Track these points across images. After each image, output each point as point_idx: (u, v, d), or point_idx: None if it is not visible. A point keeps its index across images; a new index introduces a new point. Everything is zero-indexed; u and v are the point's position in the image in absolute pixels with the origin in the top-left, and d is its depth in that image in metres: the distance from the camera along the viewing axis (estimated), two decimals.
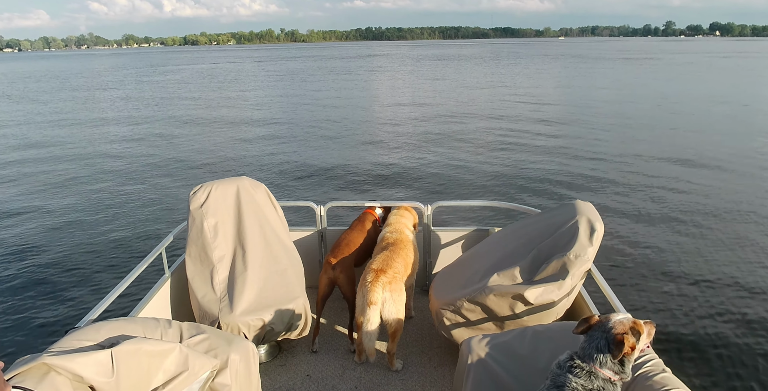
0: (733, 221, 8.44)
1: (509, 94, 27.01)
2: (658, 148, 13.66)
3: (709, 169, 11.67)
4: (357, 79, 37.08)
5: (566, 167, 12.00)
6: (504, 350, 2.72)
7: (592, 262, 3.21)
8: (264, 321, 3.34)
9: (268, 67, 55.17)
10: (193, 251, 3.69)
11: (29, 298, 6.50)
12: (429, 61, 65.14)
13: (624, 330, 2.11)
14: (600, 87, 29.91)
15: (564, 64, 53.18)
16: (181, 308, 3.83)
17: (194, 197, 3.81)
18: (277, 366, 3.68)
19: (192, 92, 31.11)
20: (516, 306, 3.20)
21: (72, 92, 33.90)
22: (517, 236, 3.68)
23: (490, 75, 40.13)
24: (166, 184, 11.46)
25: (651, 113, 19.55)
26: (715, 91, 26.85)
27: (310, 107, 23.31)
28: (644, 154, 13.02)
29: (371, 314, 3.35)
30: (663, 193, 9.96)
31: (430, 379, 3.50)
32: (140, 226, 8.89)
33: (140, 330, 2.61)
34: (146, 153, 14.63)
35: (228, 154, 14.23)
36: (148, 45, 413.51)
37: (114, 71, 58.82)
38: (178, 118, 20.95)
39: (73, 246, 8.06)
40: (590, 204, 3.51)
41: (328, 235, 4.60)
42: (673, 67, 47.01)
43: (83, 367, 2.17)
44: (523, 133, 16.13)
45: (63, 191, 11.02)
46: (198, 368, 2.50)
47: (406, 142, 15.29)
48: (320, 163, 12.94)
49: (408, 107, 22.79)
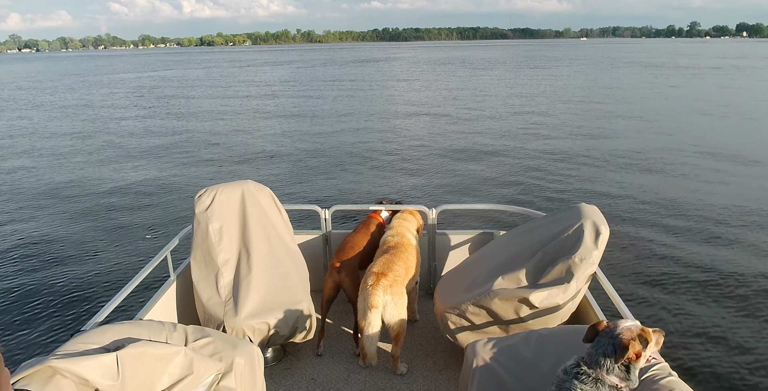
0: (744, 226, 8.37)
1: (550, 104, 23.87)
2: (674, 152, 13.59)
3: (724, 172, 11.60)
4: (364, 87, 37.15)
5: (571, 171, 11.98)
6: (509, 353, 2.71)
7: (597, 265, 3.19)
8: (269, 325, 3.35)
9: (278, 73, 55.27)
10: (198, 255, 3.70)
11: (35, 301, 6.53)
12: (452, 67, 55.88)
13: (632, 336, 2.10)
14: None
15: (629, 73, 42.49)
16: (186, 311, 3.84)
17: (199, 200, 3.82)
18: (281, 370, 3.68)
19: (198, 96, 31.26)
20: (521, 310, 3.19)
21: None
22: (521, 239, 3.67)
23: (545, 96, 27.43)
24: (171, 187, 11.50)
25: (671, 115, 19.46)
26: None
27: (315, 112, 23.36)
28: (655, 159, 12.97)
29: (372, 317, 3.35)
30: (670, 196, 9.92)
31: (435, 383, 3.49)
32: (145, 229, 8.92)
33: (145, 333, 2.61)
34: (151, 156, 14.69)
35: (233, 158, 14.27)
36: (164, 45, 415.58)
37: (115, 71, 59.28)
38: (182, 124, 21.03)
39: (79, 250, 8.09)
40: (595, 207, 3.50)
41: (333, 238, 4.61)
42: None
43: (89, 370, 2.18)
44: (527, 137, 16.12)
45: (69, 196, 11.07)
46: (203, 371, 2.51)
47: (411, 146, 15.29)
48: (326, 168, 12.97)
49: (415, 112, 22.80)
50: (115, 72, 59.27)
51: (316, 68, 56.05)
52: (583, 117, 19.83)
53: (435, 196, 10.35)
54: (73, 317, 6.11)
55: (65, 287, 6.87)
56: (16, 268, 7.51)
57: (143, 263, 3.60)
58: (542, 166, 12.39)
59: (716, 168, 11.94)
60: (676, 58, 64.29)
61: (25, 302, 6.51)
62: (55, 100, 31.33)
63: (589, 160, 12.87)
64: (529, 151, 14.13)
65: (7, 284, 6.99)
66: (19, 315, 6.22)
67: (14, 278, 7.17)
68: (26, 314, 6.25)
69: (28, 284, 7.00)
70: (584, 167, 12.22)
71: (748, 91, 27.71)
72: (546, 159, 13.12)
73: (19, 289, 6.86)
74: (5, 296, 6.67)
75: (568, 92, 28.85)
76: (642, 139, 15.30)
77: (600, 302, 3.40)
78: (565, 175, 11.57)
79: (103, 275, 7.21)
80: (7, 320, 6.11)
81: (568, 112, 21.02)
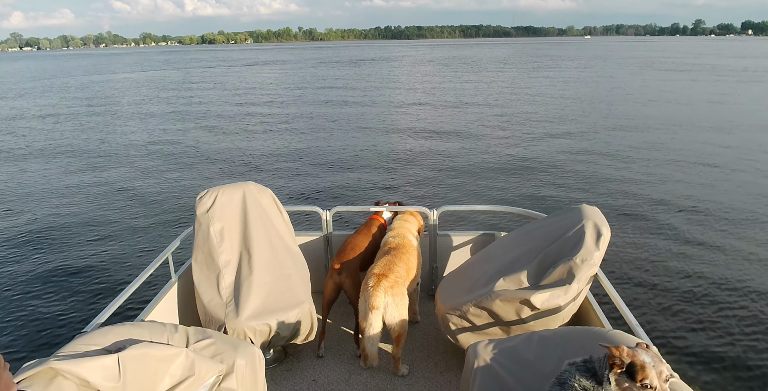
0: (747, 227, 8.36)
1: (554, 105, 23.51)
2: (675, 154, 13.56)
3: (726, 174, 11.59)
4: (366, 86, 37.17)
5: (573, 172, 11.97)
6: (510, 355, 2.71)
7: (598, 266, 3.19)
8: (270, 326, 3.35)
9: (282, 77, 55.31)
10: (200, 256, 3.70)
11: (36, 302, 6.54)
12: (457, 68, 52.07)
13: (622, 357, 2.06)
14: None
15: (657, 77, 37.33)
16: (188, 312, 3.84)
17: (201, 201, 3.83)
18: (283, 371, 3.68)
19: (198, 97, 31.29)
20: (522, 311, 3.19)
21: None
22: (522, 240, 3.67)
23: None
24: (172, 189, 11.51)
25: (677, 118, 19.42)
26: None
27: (317, 112, 23.37)
28: (656, 159, 12.96)
29: (373, 318, 3.35)
30: (673, 198, 9.91)
31: (436, 384, 3.49)
32: (147, 231, 8.93)
33: (147, 335, 2.61)
34: (152, 158, 14.70)
35: (234, 160, 14.28)
36: (165, 44, 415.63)
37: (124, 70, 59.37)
38: (181, 125, 21.05)
39: (80, 251, 8.10)
40: (597, 208, 3.49)
41: (334, 240, 4.61)
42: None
43: (90, 371, 2.18)
44: (529, 138, 16.11)
45: (69, 197, 11.08)
46: (204, 372, 2.51)
47: (412, 147, 15.30)
48: (326, 169, 12.97)
49: (417, 112, 22.80)
50: (116, 71, 59.34)
51: (317, 68, 55.79)
52: (593, 120, 19.80)
53: (436, 197, 10.35)
54: (74, 319, 6.11)
55: (66, 288, 6.88)
56: (17, 269, 7.52)
57: (144, 265, 3.60)
58: (544, 168, 12.38)
59: (729, 172, 11.92)
60: (704, 59, 58.83)
61: (26, 304, 6.52)
62: (47, 103, 31.37)
63: (590, 162, 12.86)
64: (531, 152, 14.12)
65: (9, 285, 7.00)
66: (20, 316, 6.23)
67: (15, 279, 7.18)
68: (27, 315, 6.26)
69: (29, 285, 7.01)
70: (586, 169, 12.21)
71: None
72: (547, 160, 13.11)
73: (20, 290, 6.87)
74: (6, 297, 6.68)
75: (595, 96, 28.31)
76: (650, 142, 15.29)
77: (601, 303, 3.40)
78: (567, 177, 11.56)
79: (105, 276, 7.21)
80: (8, 321, 6.12)
81: (580, 117, 20.99)
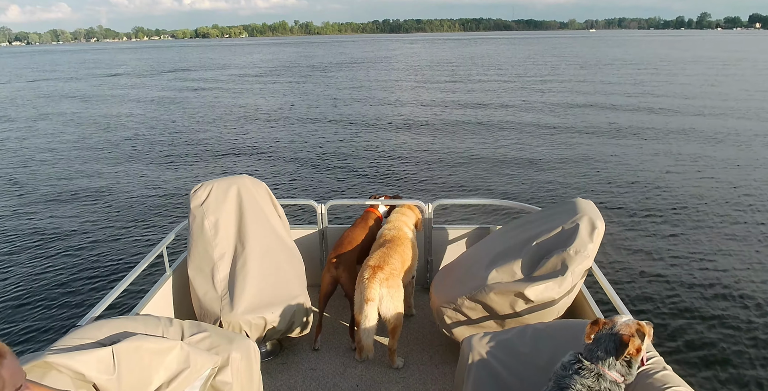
0: (744, 223, 8.39)
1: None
2: (672, 148, 13.59)
3: (722, 168, 11.63)
4: (362, 78, 37.06)
5: (568, 166, 12.00)
6: (505, 348, 2.72)
7: (592, 259, 3.20)
8: (265, 319, 3.35)
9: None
10: (194, 250, 3.69)
11: (31, 297, 6.52)
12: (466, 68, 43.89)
13: (631, 332, 2.13)
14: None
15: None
16: (183, 306, 3.84)
17: (195, 195, 3.82)
18: (278, 364, 3.68)
19: (192, 91, 31.12)
20: (516, 304, 3.20)
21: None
22: (517, 233, 3.67)
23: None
24: (167, 182, 11.47)
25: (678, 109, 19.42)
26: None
27: (312, 105, 23.30)
28: (654, 155, 12.98)
29: (369, 310, 3.35)
30: (667, 193, 9.95)
31: (432, 377, 3.51)
32: (141, 224, 8.90)
33: (141, 328, 2.61)
34: (146, 151, 14.64)
35: (229, 153, 14.24)
36: (158, 38, 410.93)
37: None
38: (175, 120, 20.94)
39: (74, 245, 8.07)
40: (591, 202, 3.50)
41: (329, 233, 4.60)
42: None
43: (85, 365, 2.18)
44: (524, 131, 16.12)
45: (64, 191, 11.02)
46: (199, 365, 2.51)
47: (407, 141, 15.28)
48: (321, 162, 12.95)
49: (412, 108, 22.76)
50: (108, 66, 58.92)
51: (315, 67, 55.41)
52: (594, 117, 19.80)
53: (431, 191, 10.35)
54: (68, 312, 6.10)
55: (61, 282, 6.85)
56: (12, 263, 7.49)
57: (139, 258, 3.60)
58: (539, 161, 12.40)
59: (727, 166, 11.97)
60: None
61: (20, 298, 6.49)
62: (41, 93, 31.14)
63: (586, 156, 12.89)
64: (526, 145, 14.14)
65: (3, 280, 6.98)
66: (14, 310, 6.21)
67: (9, 273, 7.15)
68: (22, 309, 6.24)
69: (23, 279, 6.99)
70: (580, 163, 12.24)
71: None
72: (542, 154, 13.13)
73: (14, 284, 6.84)
74: (0, 292, 6.66)
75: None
76: (648, 138, 15.32)
77: (596, 297, 3.41)
78: (562, 171, 11.59)
79: (99, 270, 7.19)
80: (2, 316, 6.10)
81: (576, 110, 20.97)
